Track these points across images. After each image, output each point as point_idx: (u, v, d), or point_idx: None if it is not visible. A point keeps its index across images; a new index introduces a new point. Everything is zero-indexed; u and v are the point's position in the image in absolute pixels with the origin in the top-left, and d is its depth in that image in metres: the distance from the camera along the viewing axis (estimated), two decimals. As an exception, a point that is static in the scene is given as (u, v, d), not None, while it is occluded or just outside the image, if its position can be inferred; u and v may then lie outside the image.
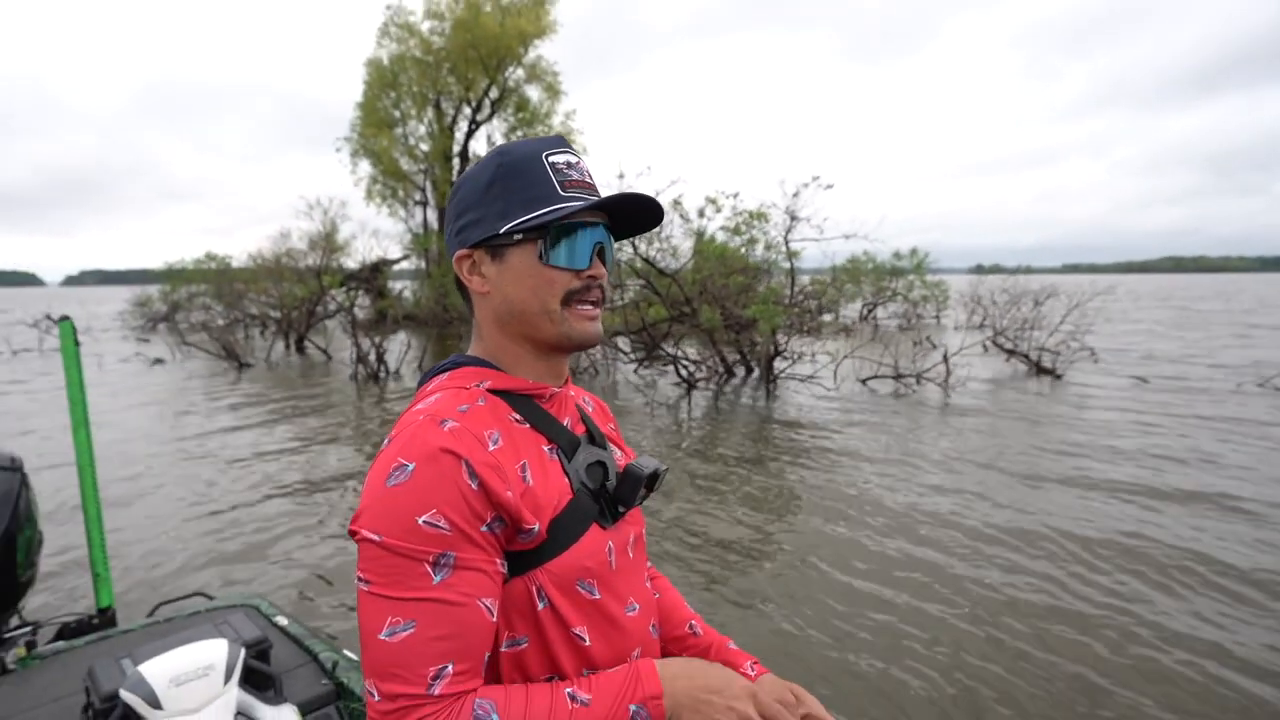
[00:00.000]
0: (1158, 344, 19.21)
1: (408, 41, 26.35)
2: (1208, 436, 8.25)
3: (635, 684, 0.78)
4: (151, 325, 26.29)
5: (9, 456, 2.05)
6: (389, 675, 0.71)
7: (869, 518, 5.66)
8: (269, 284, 20.66)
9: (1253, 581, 4.33)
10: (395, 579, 0.72)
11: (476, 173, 0.87)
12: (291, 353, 19.07)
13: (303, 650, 1.99)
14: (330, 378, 14.39)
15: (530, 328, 0.86)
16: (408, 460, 0.74)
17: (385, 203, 27.71)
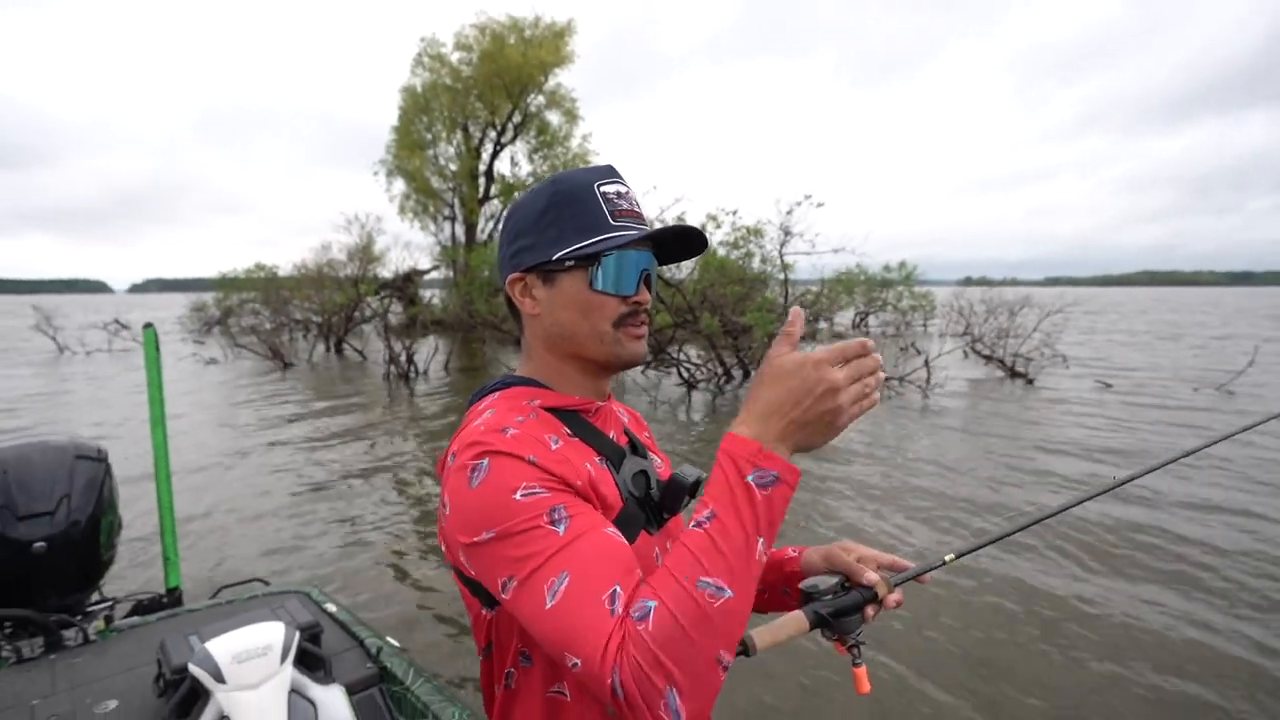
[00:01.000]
0: (1126, 352, 19.06)
1: (439, 70, 26.58)
2: (1151, 434, 8.24)
3: (731, 463, 0.68)
4: (207, 329, 26.57)
5: (95, 448, 2.08)
6: (577, 631, 0.64)
7: (854, 498, 5.74)
8: (311, 291, 20.90)
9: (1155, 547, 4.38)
10: (528, 554, 0.68)
11: (531, 200, 0.84)
12: (331, 354, 19.26)
13: (350, 635, 1.99)
14: (365, 377, 14.56)
15: (579, 348, 0.84)
16: (480, 460, 0.72)
17: (417, 218, 27.94)
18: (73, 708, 1.61)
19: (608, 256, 0.80)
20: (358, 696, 1.71)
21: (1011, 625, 3.70)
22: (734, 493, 0.66)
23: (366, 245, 21.77)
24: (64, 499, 1.90)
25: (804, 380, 0.68)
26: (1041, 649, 3.46)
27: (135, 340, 21.99)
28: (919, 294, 27.21)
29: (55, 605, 1.92)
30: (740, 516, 0.66)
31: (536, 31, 25.93)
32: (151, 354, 2.32)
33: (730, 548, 0.65)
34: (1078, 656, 3.39)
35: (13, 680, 1.73)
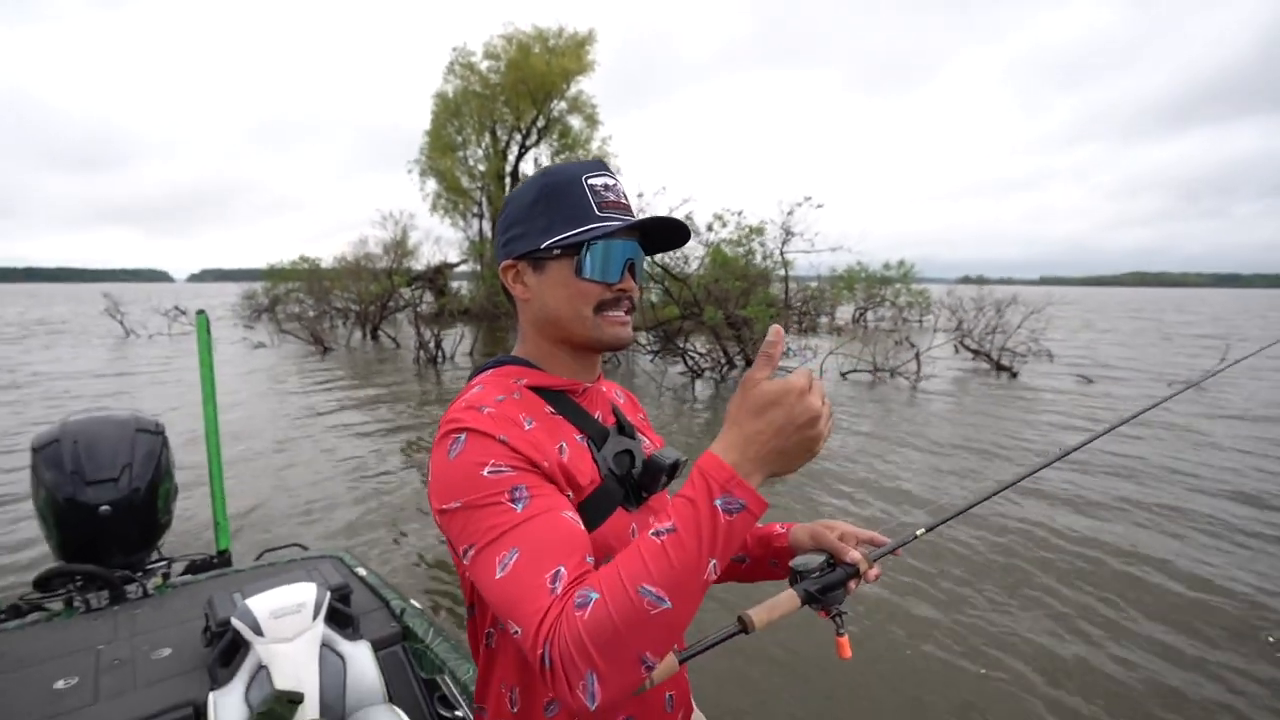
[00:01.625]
0: (1110, 349, 18.79)
1: (469, 78, 26.65)
2: (1128, 429, 8.16)
3: (705, 482, 0.65)
4: (256, 315, 26.94)
5: (154, 421, 2.14)
6: (519, 603, 0.65)
7: (838, 479, 5.79)
8: (350, 282, 21.13)
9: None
10: (487, 526, 0.69)
11: (523, 191, 0.84)
12: (367, 340, 19.51)
13: (377, 597, 2.01)
14: (397, 361, 14.77)
15: (565, 332, 0.84)
16: (458, 434, 0.73)
17: (448, 215, 28.14)
18: (132, 654, 1.67)
19: (593, 245, 0.79)
20: (383, 652, 1.72)
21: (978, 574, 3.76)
22: (699, 512, 0.64)
23: (401, 240, 21.98)
24: (126, 467, 1.96)
25: (788, 411, 0.65)
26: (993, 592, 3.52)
27: (192, 325, 22.30)
28: (916, 291, 26.97)
29: (119, 562, 1.99)
30: (700, 536, 0.63)
31: (560, 41, 25.88)
32: (203, 337, 2.36)
33: (681, 563, 0.63)
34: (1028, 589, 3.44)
35: (82, 627, 1.80)
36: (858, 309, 27.75)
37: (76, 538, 1.91)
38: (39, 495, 1.91)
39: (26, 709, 1.44)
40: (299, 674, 1.50)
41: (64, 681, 1.54)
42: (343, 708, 1.55)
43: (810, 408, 0.66)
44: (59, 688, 1.52)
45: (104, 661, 1.62)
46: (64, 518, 1.89)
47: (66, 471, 1.88)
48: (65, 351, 16.64)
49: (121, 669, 1.59)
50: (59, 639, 1.73)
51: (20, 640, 1.73)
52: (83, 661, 1.63)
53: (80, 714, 1.43)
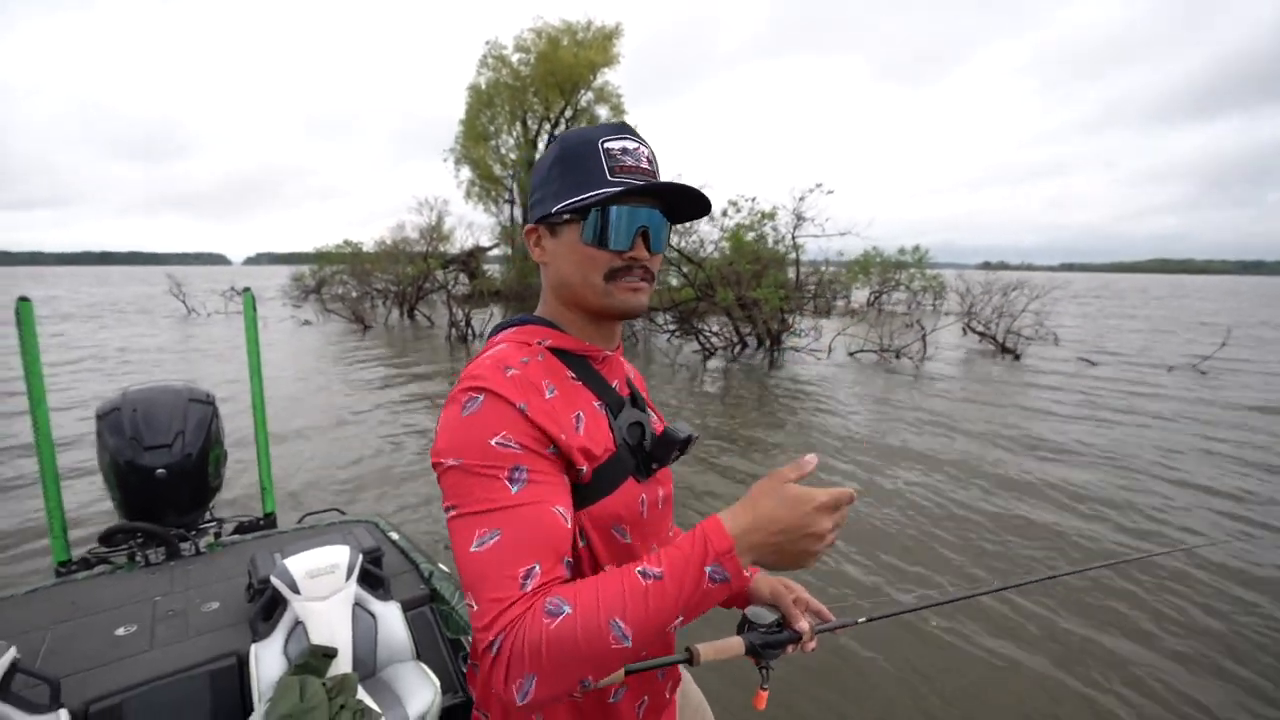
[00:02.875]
0: (1118, 332, 18.29)
1: (501, 70, 26.62)
2: (1110, 402, 8.05)
3: (704, 545, 0.66)
4: (304, 296, 27.64)
5: (205, 392, 2.18)
6: (485, 583, 0.64)
7: (842, 447, 5.86)
8: (388, 265, 21.52)
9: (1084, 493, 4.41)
10: (478, 496, 0.67)
11: (544, 156, 0.82)
12: (404, 319, 19.89)
13: (407, 560, 2.03)
14: (431, 338, 15.07)
15: (578, 297, 0.80)
16: (477, 394, 0.70)
17: (481, 201, 28.33)
18: (185, 606, 1.72)
19: (595, 210, 0.75)
20: (411, 613, 1.75)
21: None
22: (688, 571, 0.65)
23: (436, 224, 22.28)
24: (179, 435, 2.01)
25: (800, 518, 0.67)
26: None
27: (247, 304, 23.07)
28: (930, 276, 26.50)
29: (174, 522, 2.06)
30: (681, 592, 0.64)
31: (588, 34, 25.68)
32: (250, 314, 2.38)
33: (657, 611, 0.64)
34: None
35: (142, 580, 1.88)
36: (873, 292, 27.38)
37: (136, 498, 1.98)
38: (103, 458, 1.98)
39: (93, 651, 1.51)
40: (333, 630, 1.54)
41: (124, 629, 1.60)
42: (374, 663, 1.59)
43: (818, 526, 0.67)
44: (120, 634, 1.58)
45: (159, 612, 1.69)
46: (124, 479, 1.95)
47: (126, 437, 1.94)
48: (136, 329, 17.35)
49: (175, 619, 1.65)
50: (121, 590, 1.80)
51: (88, 590, 1.81)
52: (142, 611, 1.69)
53: (138, 659, 1.49)
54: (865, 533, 4.14)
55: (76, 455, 5.32)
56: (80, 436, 5.88)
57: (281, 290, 29.24)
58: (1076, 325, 19.29)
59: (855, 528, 4.19)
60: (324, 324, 18.13)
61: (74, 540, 2.03)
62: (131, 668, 1.45)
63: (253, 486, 2.41)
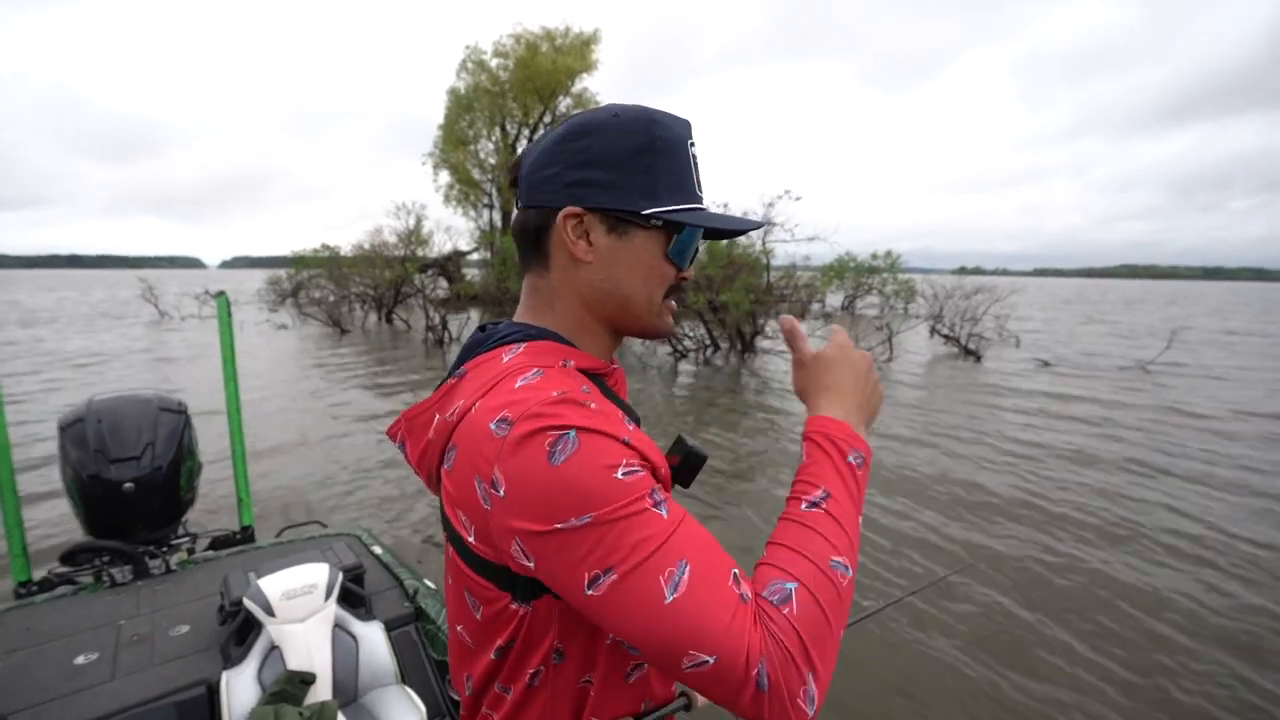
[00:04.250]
0: (1076, 335, 18.95)
1: (480, 75, 26.79)
2: (1056, 398, 8.48)
3: (833, 445, 0.64)
4: (281, 300, 27.42)
5: (176, 401, 2.09)
6: (704, 624, 0.51)
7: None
8: (366, 269, 21.49)
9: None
10: (635, 541, 0.52)
11: (620, 130, 0.63)
12: (382, 323, 19.88)
13: (391, 576, 1.94)
14: (408, 342, 15.13)
15: (624, 312, 0.67)
16: (564, 429, 0.54)
17: (460, 205, 28.40)
18: (152, 629, 1.62)
19: (692, 228, 0.65)
20: (395, 632, 1.67)
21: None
22: (841, 474, 0.62)
23: (415, 229, 22.30)
24: (149, 446, 1.92)
25: (854, 364, 0.68)
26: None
27: (221, 308, 22.86)
28: (902, 281, 27.14)
29: (144, 538, 1.95)
30: (851, 496, 0.61)
31: (566, 41, 25.96)
32: (224, 319, 2.31)
33: (850, 527, 0.59)
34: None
35: (106, 602, 1.76)
36: (847, 296, 27.93)
37: (102, 514, 1.89)
38: (66, 472, 1.89)
39: (47, 683, 1.40)
40: (311, 654, 1.46)
41: (84, 657, 1.50)
42: (355, 688, 1.51)
43: (864, 355, 0.70)
44: (79, 663, 1.47)
45: (124, 637, 1.58)
46: (89, 494, 1.86)
47: (90, 450, 1.85)
48: (105, 335, 17.14)
49: (140, 645, 1.55)
50: (83, 613, 1.69)
51: (47, 613, 1.69)
52: (104, 637, 1.59)
53: (97, 690, 1.38)
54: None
55: (41, 469, 5.21)
56: (44, 448, 5.75)
57: (257, 294, 28.95)
58: (1039, 330, 19.92)
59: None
60: (301, 328, 18.06)
61: (36, 558, 1.93)
62: (90, 701, 1.35)
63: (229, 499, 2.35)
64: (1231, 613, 3.31)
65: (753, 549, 3.89)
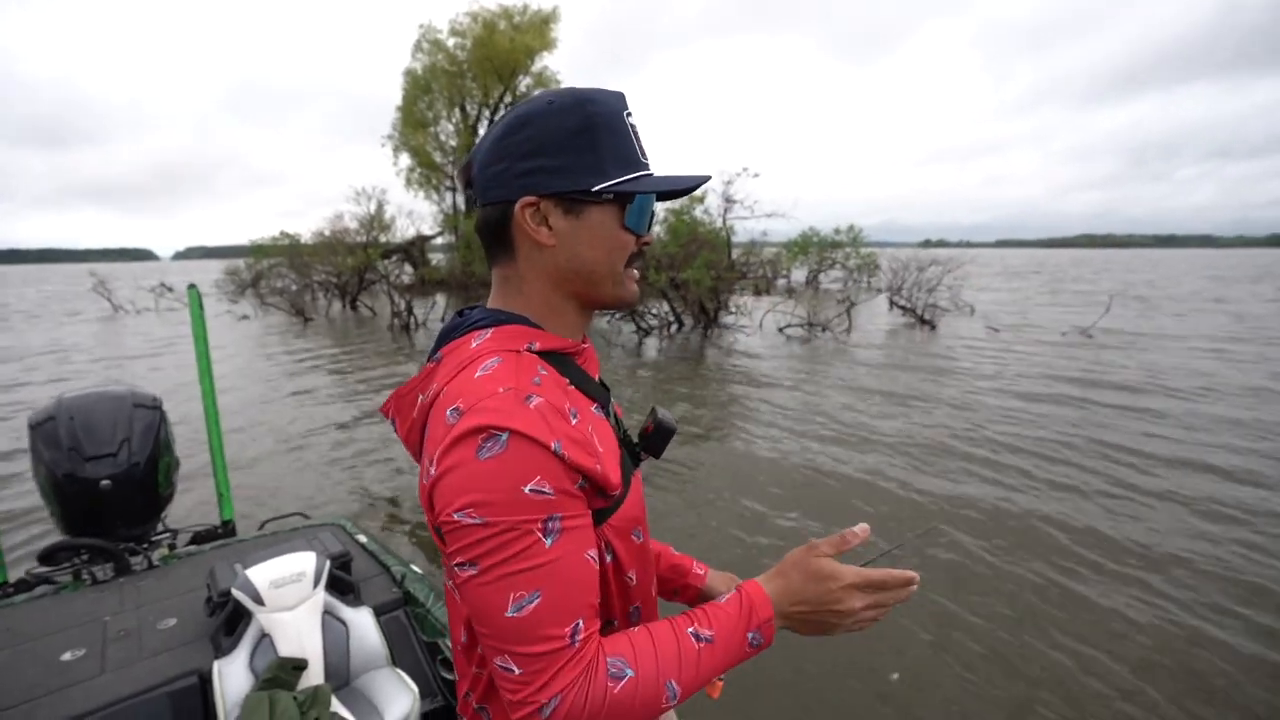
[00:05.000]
0: (1029, 304, 19.72)
1: (436, 55, 26.24)
2: (1003, 361, 8.98)
3: (750, 613, 0.68)
4: (240, 291, 26.80)
5: (151, 396, 2.06)
6: (528, 644, 0.58)
7: (770, 413, 6.46)
8: (328, 256, 21.19)
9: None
10: (509, 555, 0.58)
11: (557, 115, 0.65)
12: (346, 310, 19.69)
13: (378, 563, 1.95)
14: (374, 329, 15.08)
15: (592, 287, 0.71)
16: (499, 430, 0.58)
17: (422, 188, 27.96)
18: (138, 624, 1.61)
19: (643, 195, 0.68)
20: (385, 617, 1.69)
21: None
22: (734, 636, 0.67)
23: (377, 214, 22.00)
24: (125, 442, 1.90)
25: (826, 594, 0.68)
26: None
27: (180, 301, 22.30)
28: (865, 255, 27.71)
29: (124, 535, 1.94)
30: (727, 656, 0.67)
31: (524, 19, 25.55)
32: (196, 311, 2.27)
33: (706, 672, 0.66)
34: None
35: (88, 599, 1.74)
36: (811, 271, 28.41)
37: (78, 512, 1.88)
38: (39, 472, 1.87)
39: (35, 681, 1.39)
40: (302, 641, 1.48)
41: (71, 653, 1.49)
42: (347, 672, 1.53)
43: (845, 604, 0.68)
44: (66, 659, 1.47)
45: (110, 632, 1.58)
46: (64, 493, 1.84)
47: (64, 448, 1.83)
48: (61, 330, 16.65)
49: (128, 640, 1.55)
50: (65, 611, 1.68)
51: (27, 614, 1.67)
52: (89, 633, 1.58)
53: (88, 685, 1.38)
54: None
55: (11, 467, 5.23)
56: (12, 449, 5.74)
57: (216, 285, 28.24)
58: (993, 299, 20.64)
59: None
60: (263, 318, 17.81)
61: (12, 560, 1.97)
62: (82, 694, 1.35)
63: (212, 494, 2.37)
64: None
65: (701, 513, 4.19)
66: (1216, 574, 3.36)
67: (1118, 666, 2.64)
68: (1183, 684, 2.54)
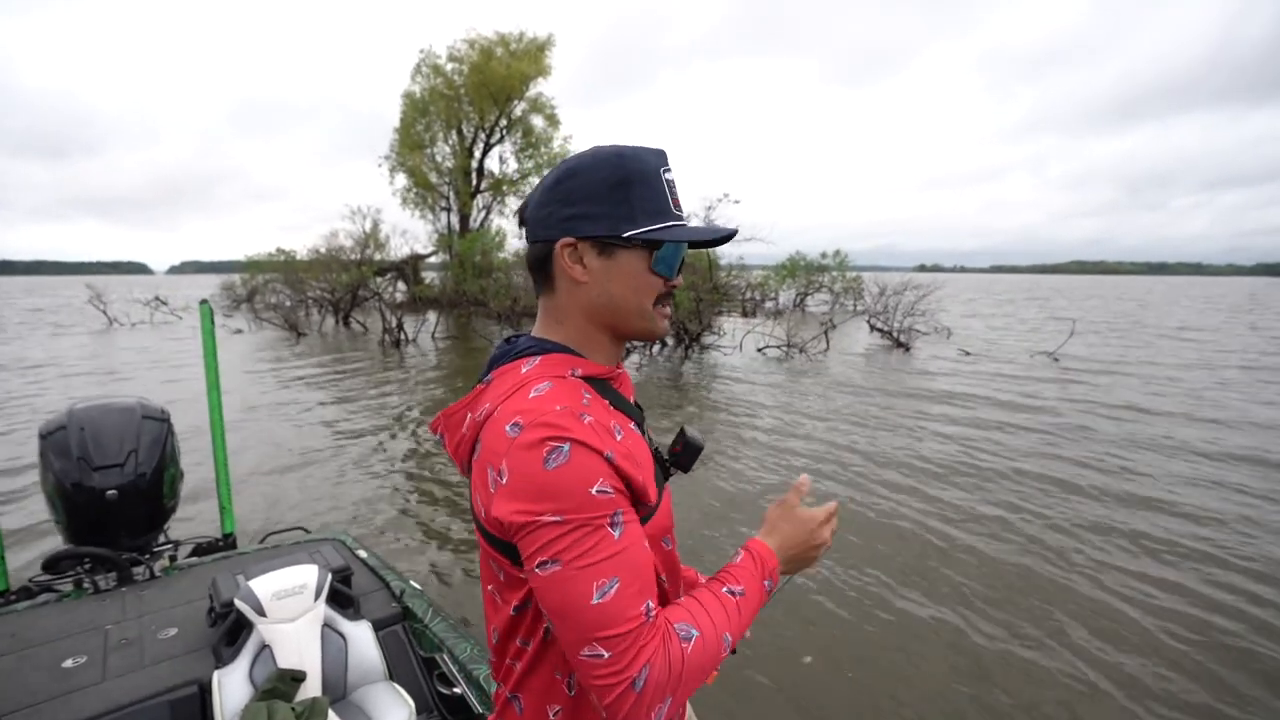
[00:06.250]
0: (1005, 328, 20.29)
1: (434, 79, 27.01)
2: (961, 380, 9.46)
3: (762, 565, 0.81)
4: (236, 305, 27.07)
5: (159, 409, 2.08)
6: (612, 628, 0.65)
7: (744, 422, 6.85)
8: (322, 273, 21.53)
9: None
10: (587, 548, 0.65)
11: (597, 169, 0.75)
12: (339, 326, 19.97)
13: (377, 578, 1.97)
14: (365, 344, 15.41)
15: (620, 320, 0.79)
16: (560, 441, 0.66)
17: (417, 208, 28.54)
18: (140, 633, 1.63)
19: (671, 244, 0.76)
20: (383, 632, 1.71)
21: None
22: (755, 585, 0.79)
23: (372, 232, 22.50)
24: (132, 453, 1.93)
25: (809, 534, 0.86)
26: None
27: (175, 315, 22.69)
28: (850, 278, 28.37)
29: (127, 545, 1.96)
30: (755, 603, 0.79)
31: (520, 46, 26.40)
32: (207, 326, 2.31)
33: (744, 619, 0.77)
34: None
35: (91, 608, 1.76)
36: (798, 294, 29.04)
37: (84, 521, 1.90)
38: (47, 480, 1.89)
39: (37, 687, 1.41)
40: (301, 653, 1.49)
41: (72, 660, 1.50)
42: (344, 685, 1.54)
43: (821, 536, 0.86)
44: (67, 666, 1.48)
45: (112, 641, 1.59)
46: (71, 502, 1.87)
47: (73, 458, 1.86)
48: (61, 343, 16.93)
49: (129, 648, 1.56)
50: (68, 619, 1.70)
51: (30, 620, 1.69)
52: (91, 641, 1.59)
53: (88, 692, 1.40)
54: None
55: (17, 478, 5.36)
56: (17, 457, 5.87)
57: (211, 301, 28.36)
58: (966, 324, 21.21)
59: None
60: (256, 332, 18.11)
61: (15, 568, 2.06)
62: (82, 701, 1.37)
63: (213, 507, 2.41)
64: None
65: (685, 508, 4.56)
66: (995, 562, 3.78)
67: (997, 642, 3.04)
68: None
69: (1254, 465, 5.80)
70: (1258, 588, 3.55)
